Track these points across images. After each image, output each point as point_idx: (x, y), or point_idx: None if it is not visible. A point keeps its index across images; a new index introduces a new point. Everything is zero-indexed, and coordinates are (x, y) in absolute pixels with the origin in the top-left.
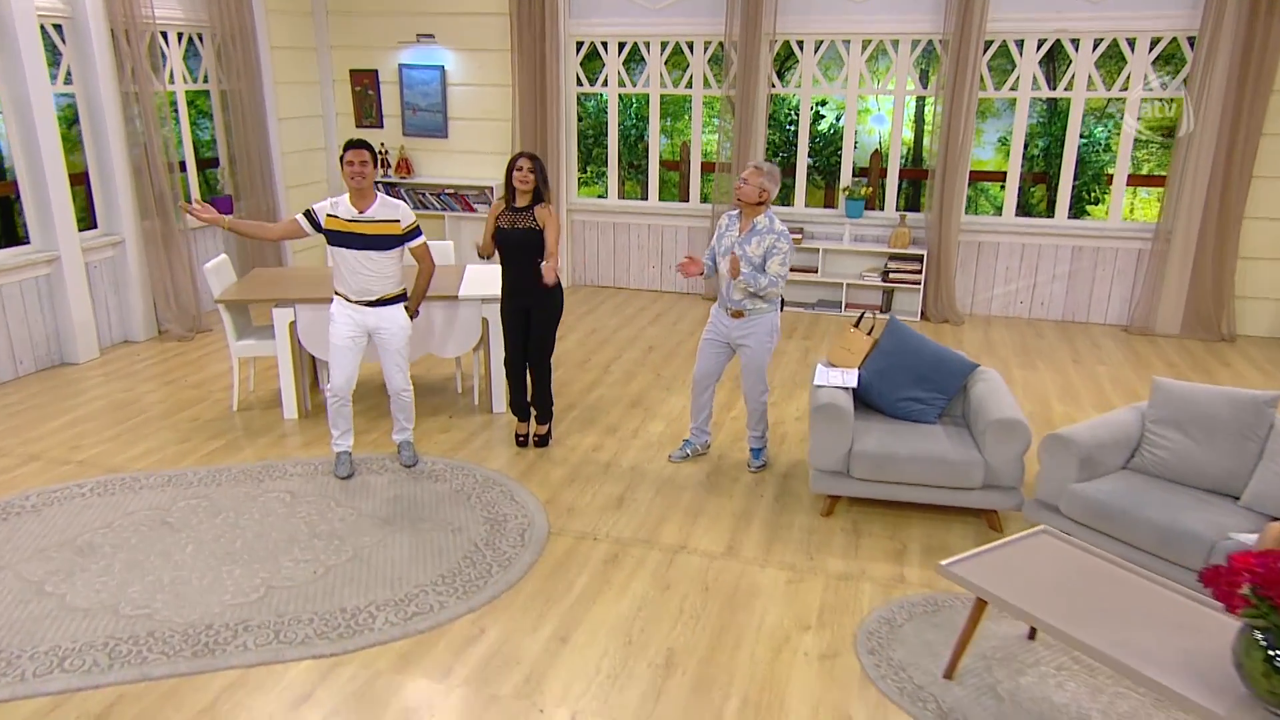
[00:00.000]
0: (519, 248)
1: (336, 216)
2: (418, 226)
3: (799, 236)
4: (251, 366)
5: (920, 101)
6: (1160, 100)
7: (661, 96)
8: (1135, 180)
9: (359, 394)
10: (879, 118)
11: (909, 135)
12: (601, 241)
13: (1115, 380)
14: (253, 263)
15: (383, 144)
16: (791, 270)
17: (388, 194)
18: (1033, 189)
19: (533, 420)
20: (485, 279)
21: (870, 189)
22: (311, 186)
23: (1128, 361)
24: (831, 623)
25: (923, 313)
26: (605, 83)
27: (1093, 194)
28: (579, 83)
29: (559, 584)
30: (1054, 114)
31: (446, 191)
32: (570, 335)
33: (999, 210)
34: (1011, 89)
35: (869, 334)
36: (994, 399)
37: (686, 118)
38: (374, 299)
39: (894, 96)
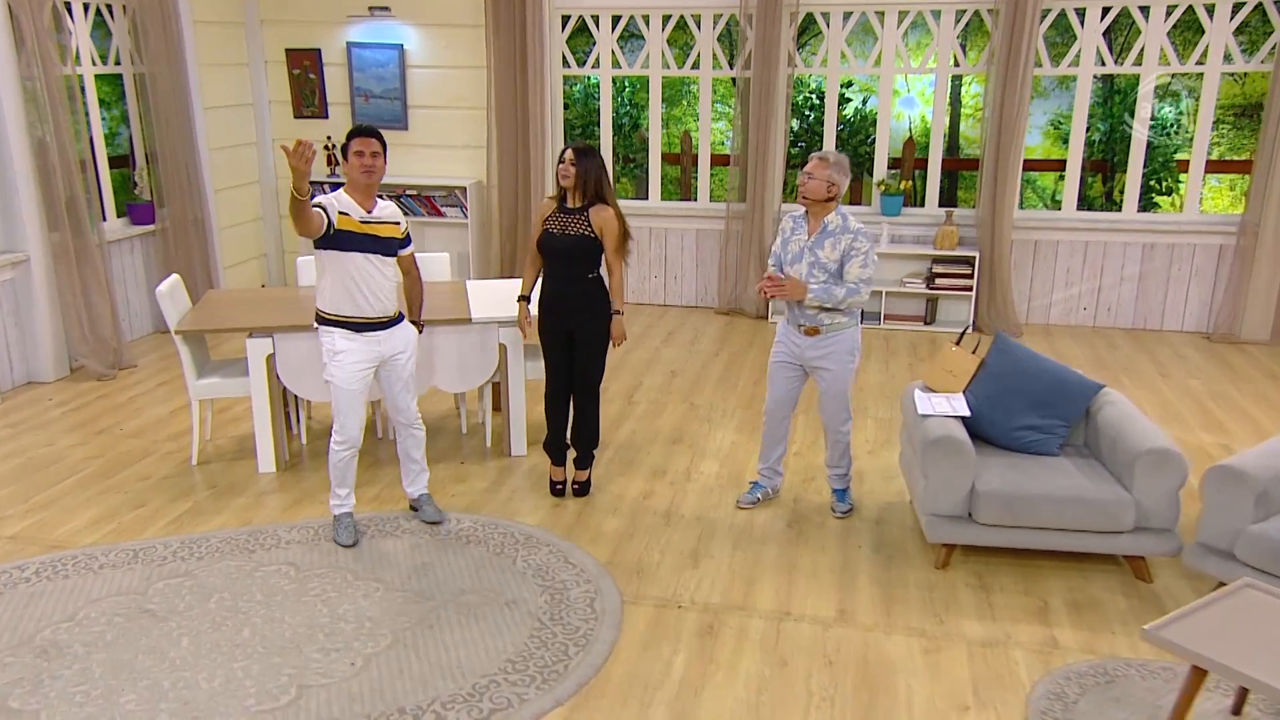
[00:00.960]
0: (566, 258)
1: (348, 215)
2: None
3: None
4: (209, 410)
5: (955, 82)
6: (1233, 76)
7: (662, 80)
8: (1215, 167)
9: None
10: (907, 100)
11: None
12: None
13: (1216, 397)
14: (198, 284)
15: (328, 138)
16: None
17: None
18: (1089, 179)
19: (570, 464)
20: (499, 297)
21: (909, 182)
22: (243, 190)
23: (1222, 375)
24: (993, 701)
25: (975, 323)
26: (596, 63)
27: (1163, 183)
28: (565, 63)
29: (654, 665)
30: (1110, 93)
31: (408, 194)
32: None
33: (1056, 204)
34: (1071, 65)
35: (973, 352)
36: (1132, 425)
37: (684, 104)
38: (390, 317)
39: (934, 75)
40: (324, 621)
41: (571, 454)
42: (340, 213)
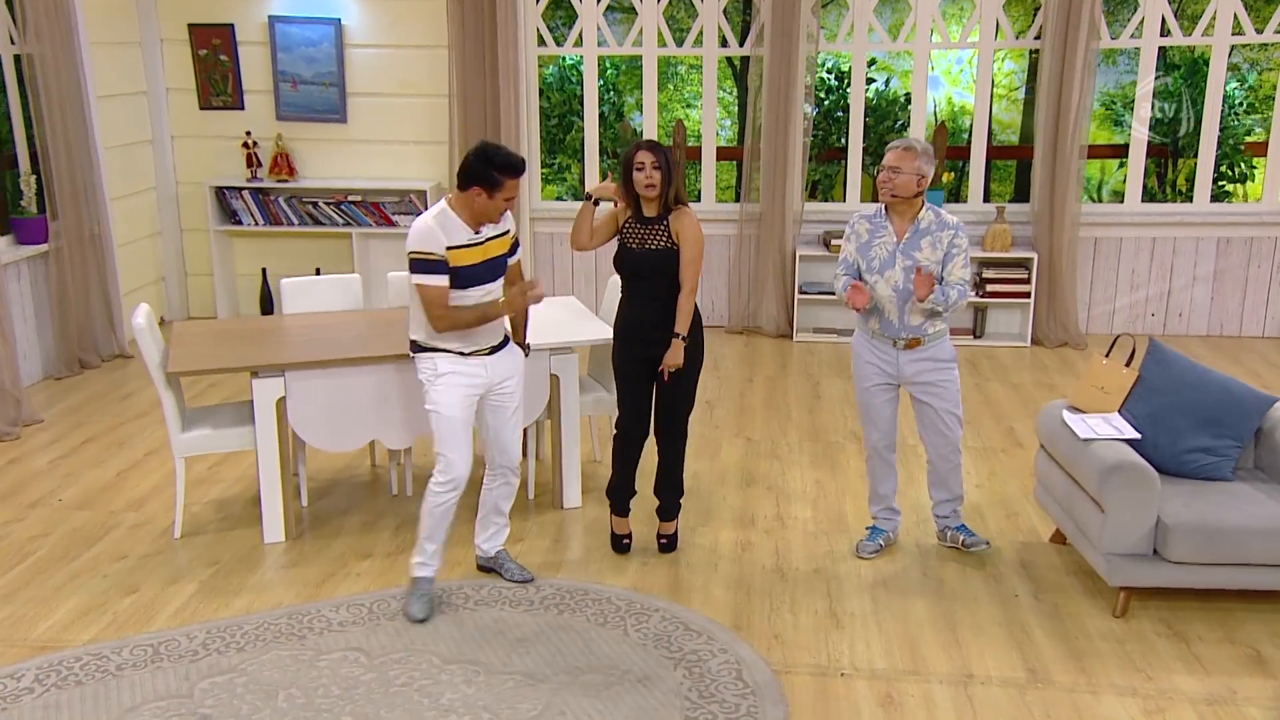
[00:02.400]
0: (651, 276)
1: (455, 246)
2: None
3: None
4: (184, 470)
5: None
6: None
7: (670, 59)
8: None
9: (347, 492)
10: (932, 80)
11: (970, 102)
12: (579, 259)
13: None
14: (94, 318)
15: (247, 133)
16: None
17: (258, 202)
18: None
19: (644, 515)
20: (549, 320)
21: (950, 174)
22: (138, 198)
23: None
24: None
25: (1033, 336)
26: (579, 41)
27: (1234, 169)
28: (541, 42)
29: None
30: (1167, 68)
31: (350, 199)
32: None
33: (1106, 197)
34: (1133, 36)
35: (1127, 364)
36: None
37: (671, 88)
38: (499, 343)
39: (973, 51)
40: (430, 716)
41: (659, 505)
42: (450, 247)
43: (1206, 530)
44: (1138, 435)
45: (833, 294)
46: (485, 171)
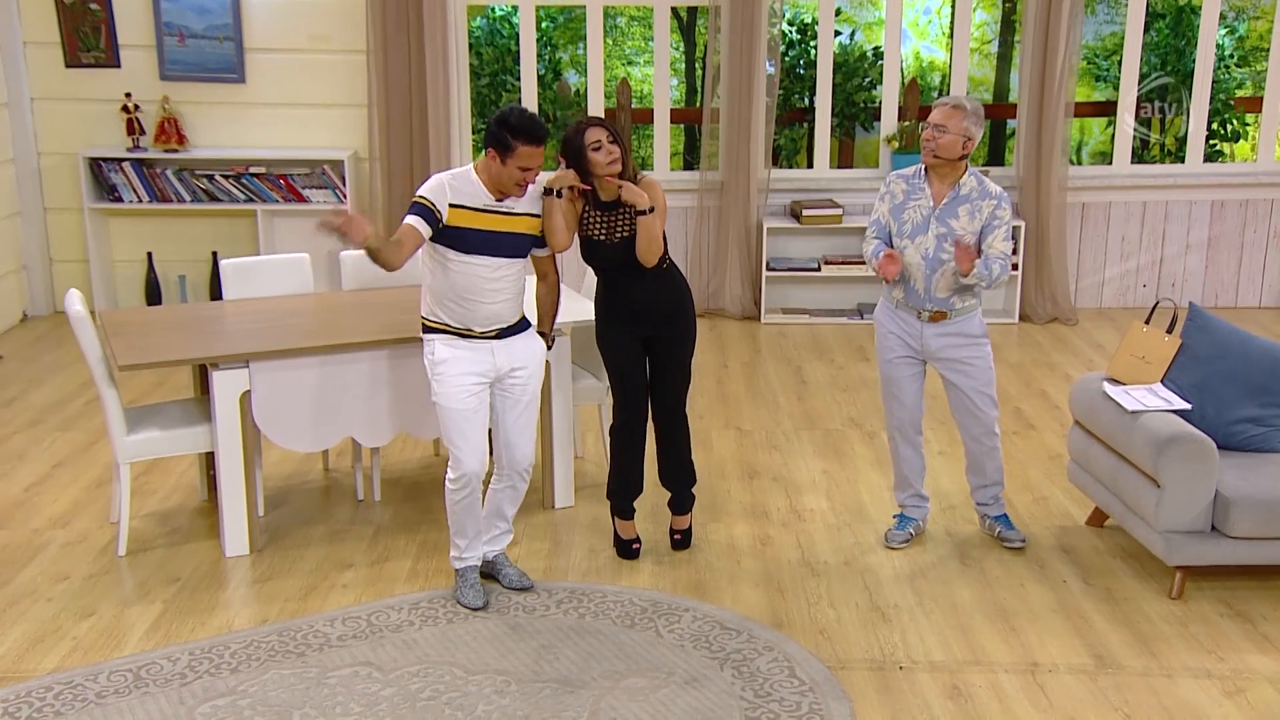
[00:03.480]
0: (628, 264)
1: (464, 207)
2: None
3: (835, 212)
4: (124, 477)
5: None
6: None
7: (606, 11)
8: None
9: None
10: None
11: (939, 56)
12: None
13: None
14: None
15: (127, 95)
16: (828, 263)
17: (141, 175)
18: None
19: (645, 514)
20: (527, 298)
21: None
22: None
23: None
24: None
25: (1020, 311)
26: None
27: (1227, 127)
28: None
29: None
30: (1152, 17)
31: (252, 172)
32: None
33: (1097, 157)
34: None
35: (1169, 332)
36: None
37: (610, 42)
38: (505, 326)
39: (948, 0)
40: None
41: (671, 497)
42: (452, 205)
43: (1270, 503)
44: (1188, 405)
45: (806, 270)
46: (499, 133)
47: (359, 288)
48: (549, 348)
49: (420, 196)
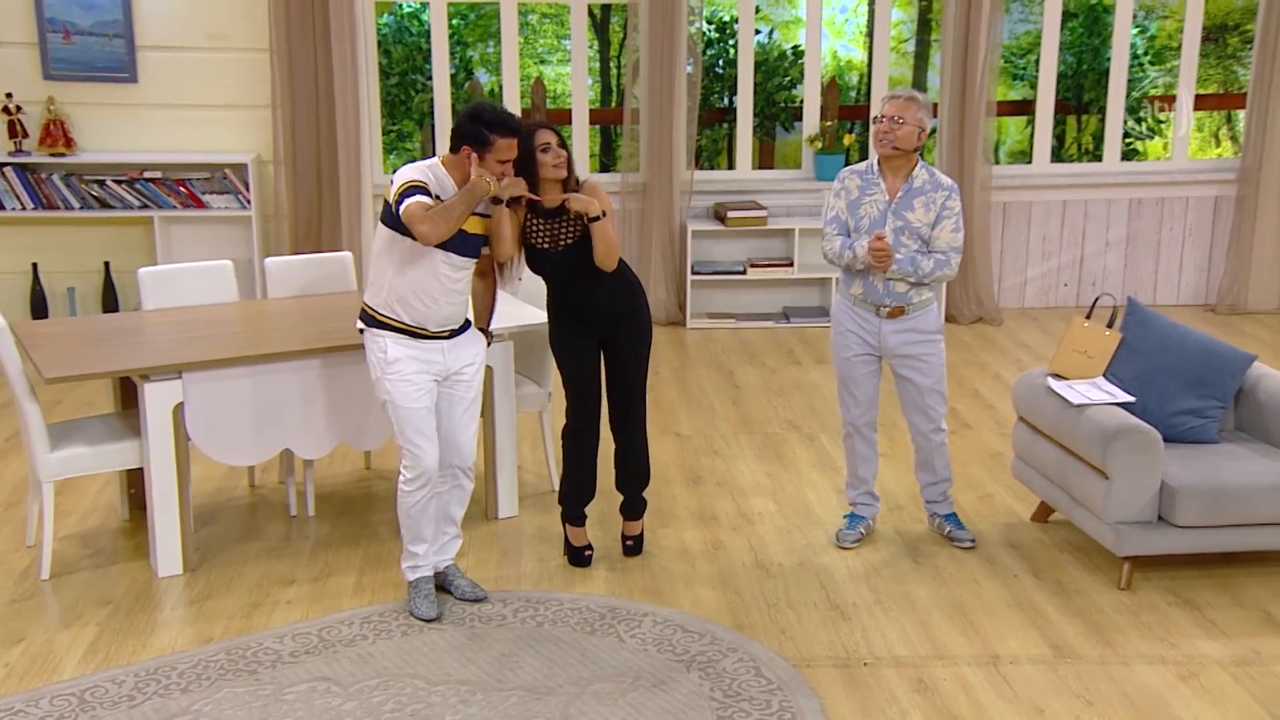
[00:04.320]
0: (577, 272)
1: (441, 200)
2: None
3: (760, 214)
4: (47, 496)
5: (871, 8)
6: None
7: (519, 8)
8: (1204, 103)
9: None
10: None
11: (856, 56)
12: None
13: None
14: None
15: (8, 95)
16: (753, 266)
17: (25, 181)
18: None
19: (593, 521)
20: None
21: (851, 135)
22: None
23: (1272, 355)
24: None
25: (946, 312)
26: None
27: (1143, 124)
28: None
29: None
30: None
31: (147, 177)
32: None
33: (1014, 157)
34: None
35: (1110, 326)
36: None
37: (521, 40)
38: (455, 327)
39: None
40: None
41: (624, 501)
42: (435, 197)
43: (1213, 492)
44: (1132, 399)
45: (731, 274)
46: (475, 129)
47: (286, 295)
48: (489, 343)
49: (414, 181)
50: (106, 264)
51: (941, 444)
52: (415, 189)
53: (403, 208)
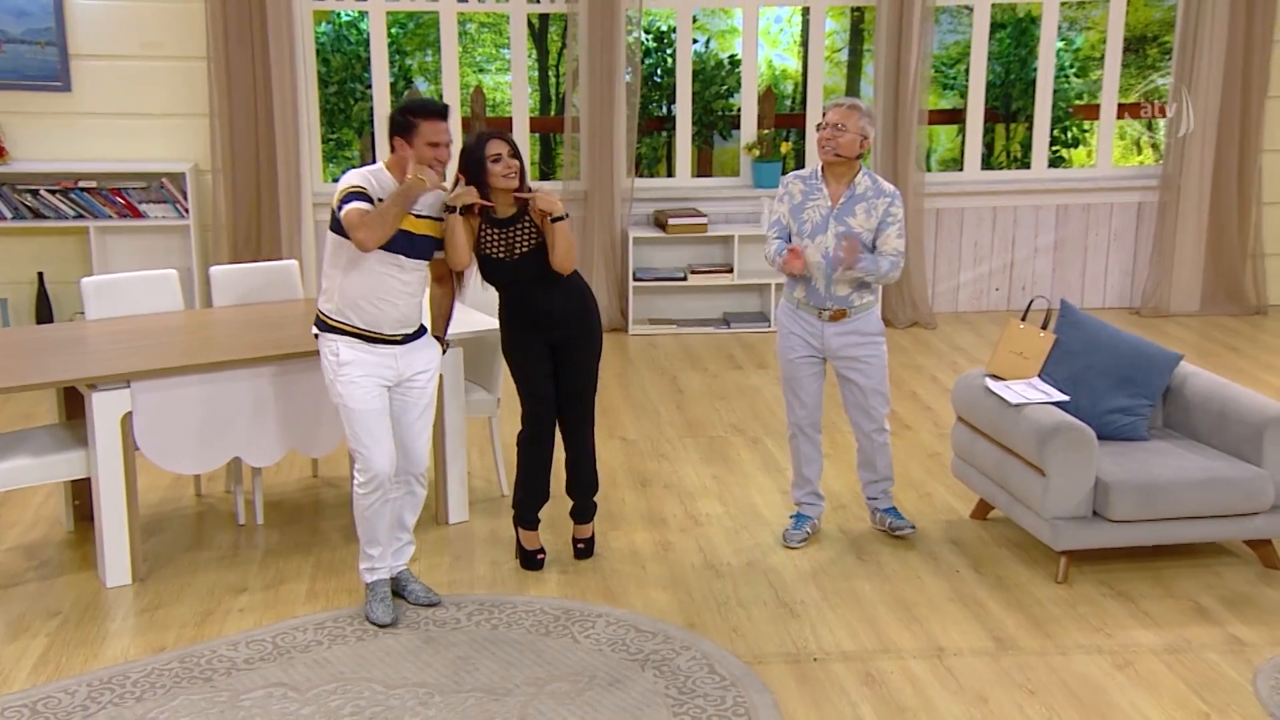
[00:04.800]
0: (532, 281)
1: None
2: None
3: (701, 221)
4: None
5: (805, 18)
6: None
7: (460, 16)
8: (1127, 112)
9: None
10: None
11: (791, 65)
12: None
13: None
14: None
15: None
16: (694, 272)
17: None
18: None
19: (545, 525)
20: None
21: (788, 144)
22: None
23: (1197, 356)
24: (1224, 705)
25: (882, 316)
26: None
27: (1068, 133)
28: None
29: None
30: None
31: (82, 186)
32: None
33: (945, 164)
34: None
35: (1043, 328)
36: (1238, 393)
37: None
38: (409, 332)
39: (798, 10)
40: None
41: (574, 505)
42: (380, 199)
43: (1145, 487)
44: (1066, 397)
45: (672, 280)
46: (398, 119)
47: (231, 303)
48: (444, 351)
49: (354, 186)
50: (40, 275)
51: (884, 444)
52: (354, 194)
53: (342, 213)
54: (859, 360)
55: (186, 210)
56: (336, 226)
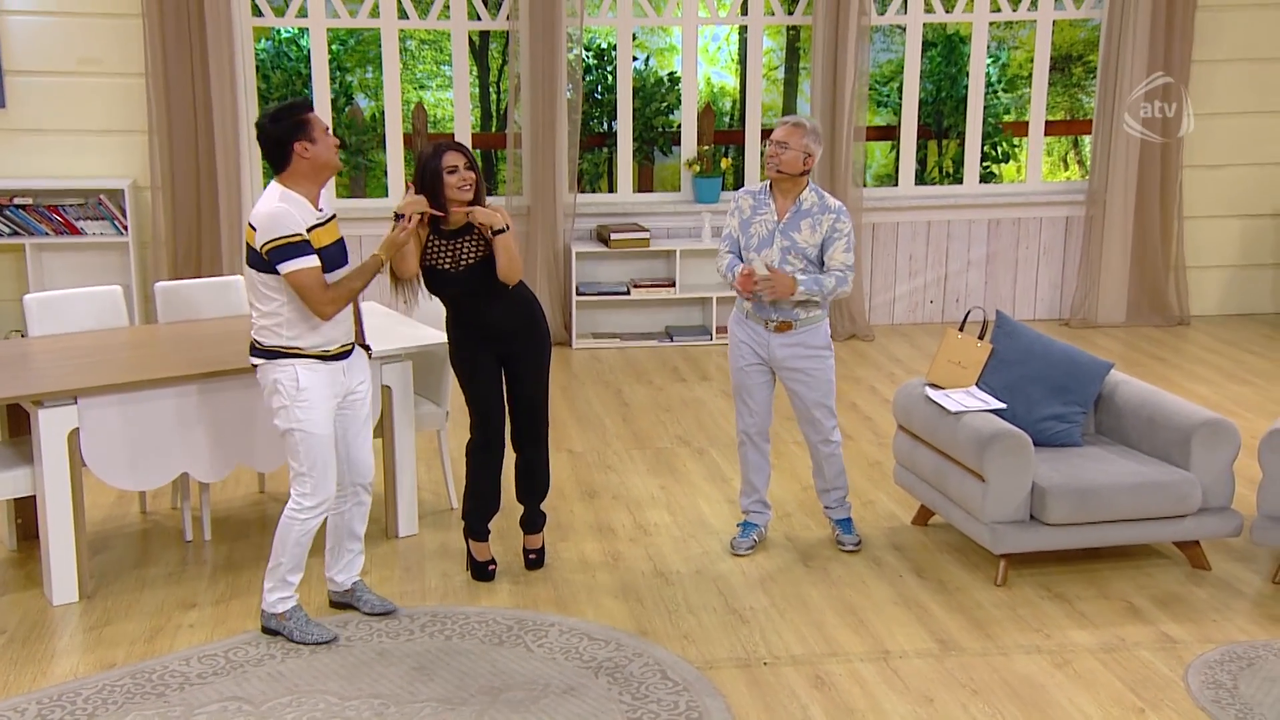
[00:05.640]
0: (480, 294)
1: (313, 226)
2: None
3: (643, 236)
4: None
5: (743, 36)
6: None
7: (400, 33)
8: (1053, 129)
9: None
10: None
11: (728, 82)
12: None
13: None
14: None
15: None
16: (636, 287)
17: None
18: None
19: (500, 529)
20: (370, 324)
21: (728, 160)
22: None
23: (1128, 366)
24: (1158, 700)
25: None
26: (303, 10)
27: (998, 149)
28: (256, 11)
29: None
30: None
31: (17, 203)
32: None
33: (879, 180)
34: (898, 12)
35: (980, 338)
36: (1166, 400)
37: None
38: (350, 343)
39: (737, 28)
40: None
41: (524, 515)
42: (311, 226)
43: (1080, 490)
44: (1003, 405)
45: (615, 294)
46: (290, 122)
47: (176, 319)
48: (370, 356)
49: (288, 237)
50: None
51: (831, 454)
52: (291, 248)
53: (290, 273)
54: (803, 372)
55: (125, 227)
56: (259, 264)
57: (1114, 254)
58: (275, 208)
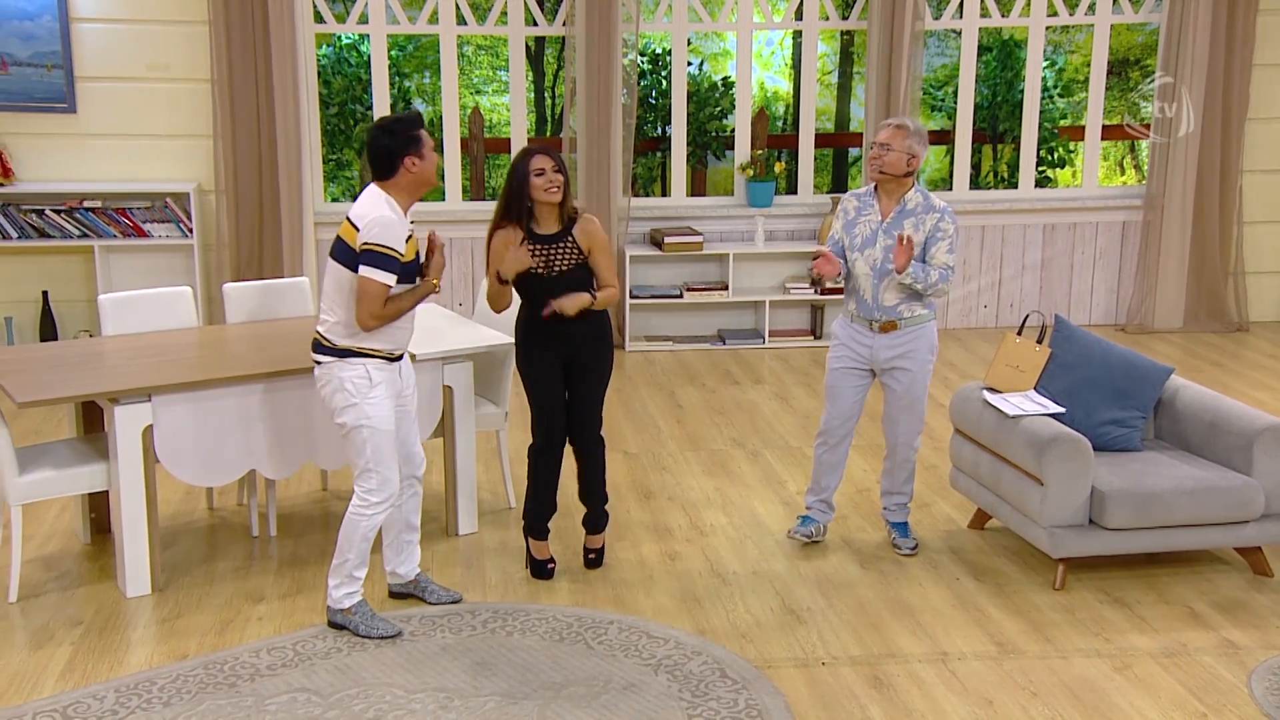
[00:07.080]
0: (561, 295)
1: (408, 238)
2: None
3: (696, 239)
4: (16, 520)
5: (797, 41)
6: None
7: (458, 39)
8: (1111, 133)
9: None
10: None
11: (782, 86)
12: None
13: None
14: None
15: None
16: (690, 290)
17: None
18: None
19: (558, 528)
20: (425, 327)
21: (782, 164)
22: None
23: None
24: (1220, 706)
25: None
26: (364, 17)
27: (1054, 154)
28: (318, 18)
29: None
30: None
31: (87, 206)
32: None
33: (933, 184)
34: (954, 17)
35: (1039, 342)
36: (1229, 405)
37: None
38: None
39: (790, 32)
40: None
41: (587, 513)
42: (409, 238)
43: (1140, 495)
44: (1062, 409)
45: (669, 297)
46: (404, 139)
47: (244, 320)
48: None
49: (386, 248)
50: (45, 293)
51: (906, 459)
52: (383, 258)
53: (365, 277)
54: (906, 373)
55: (190, 230)
56: (346, 259)
57: (1171, 259)
58: (387, 216)
